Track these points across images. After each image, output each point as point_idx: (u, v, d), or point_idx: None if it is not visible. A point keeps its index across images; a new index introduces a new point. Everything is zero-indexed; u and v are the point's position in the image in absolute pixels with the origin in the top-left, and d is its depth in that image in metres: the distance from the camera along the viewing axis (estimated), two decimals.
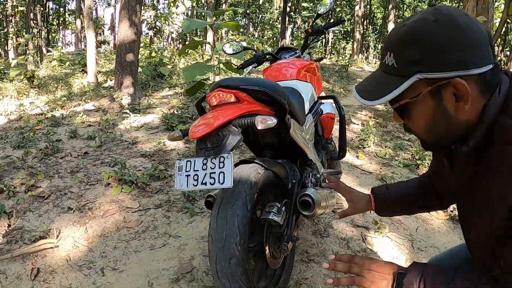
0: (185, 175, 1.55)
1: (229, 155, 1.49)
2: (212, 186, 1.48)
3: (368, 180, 4.23)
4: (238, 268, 1.49)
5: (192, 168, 1.54)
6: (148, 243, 2.63)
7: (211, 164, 1.51)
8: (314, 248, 2.64)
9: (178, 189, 1.54)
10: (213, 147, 1.53)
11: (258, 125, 1.54)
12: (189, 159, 1.58)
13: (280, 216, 1.69)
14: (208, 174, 1.49)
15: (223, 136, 1.53)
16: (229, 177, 1.45)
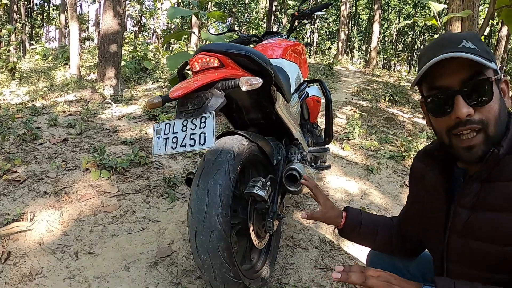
0: (163, 138, 1.43)
1: (211, 114, 1.38)
2: (192, 148, 1.37)
3: (354, 170, 4.17)
4: (220, 242, 1.38)
5: (171, 130, 1.43)
6: (126, 227, 2.51)
7: (191, 125, 1.40)
8: (299, 234, 2.56)
9: (156, 154, 1.44)
10: (194, 109, 1.43)
11: (242, 86, 1.43)
12: (168, 121, 1.47)
13: (265, 191, 1.59)
14: (188, 136, 1.38)
15: (205, 98, 1.43)
16: (211, 137, 1.35)
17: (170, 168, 3.46)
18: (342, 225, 1.40)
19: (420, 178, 1.25)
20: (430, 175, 1.20)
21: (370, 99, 9.28)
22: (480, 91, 0.95)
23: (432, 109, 1.02)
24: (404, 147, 4.98)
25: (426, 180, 1.22)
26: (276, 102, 1.81)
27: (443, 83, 0.97)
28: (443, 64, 0.94)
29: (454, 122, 0.97)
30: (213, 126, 1.35)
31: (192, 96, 1.44)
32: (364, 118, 6.68)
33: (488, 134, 0.96)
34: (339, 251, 2.42)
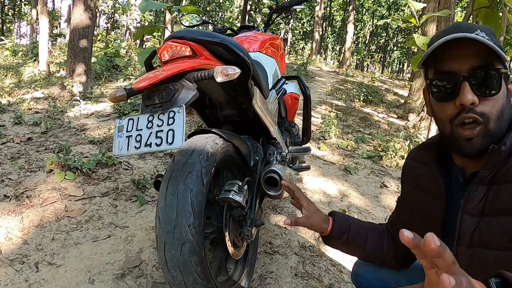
0: (125, 136, 1.25)
1: (181, 109, 1.21)
2: (158, 147, 1.19)
3: (332, 170, 4.06)
4: (192, 256, 1.21)
5: (134, 127, 1.25)
6: (91, 234, 2.31)
7: (158, 121, 1.22)
8: (277, 239, 2.41)
9: (117, 155, 1.25)
10: (162, 103, 1.25)
11: (217, 77, 1.26)
12: (131, 117, 1.29)
13: (242, 196, 1.43)
14: (154, 133, 1.21)
15: (174, 90, 1.26)
16: (180, 135, 1.17)
17: (139, 169, 3.26)
18: (329, 231, 1.27)
19: (414, 177, 1.18)
20: (426, 173, 1.12)
21: (344, 98, 9.28)
22: (488, 82, 0.90)
23: (436, 93, 0.97)
24: (381, 147, 4.93)
25: (421, 178, 1.14)
26: (253, 98, 1.66)
27: (452, 67, 0.92)
28: (454, 47, 0.90)
29: (458, 110, 0.92)
30: (182, 122, 1.18)
31: (159, 88, 1.26)
32: (339, 118, 6.63)
33: (489, 129, 0.92)
34: (321, 257, 2.29)
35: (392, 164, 4.54)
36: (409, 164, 1.22)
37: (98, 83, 7.35)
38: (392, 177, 4.10)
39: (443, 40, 0.89)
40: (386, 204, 3.30)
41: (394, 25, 35.26)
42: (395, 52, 41.08)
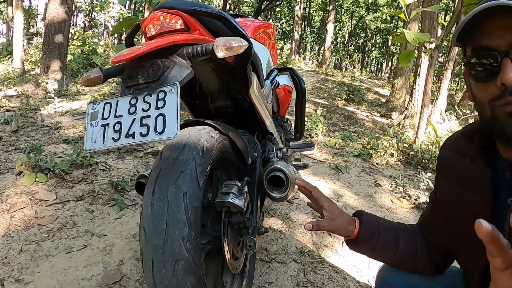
0: (100, 125, 1.00)
1: (174, 87, 0.96)
2: (145, 138, 0.93)
3: (322, 169, 3.88)
4: (188, 276, 0.97)
5: (112, 113, 1.00)
6: (64, 245, 2.05)
7: (143, 104, 0.97)
8: (273, 245, 2.19)
9: (90, 149, 0.98)
10: (148, 82, 1.00)
11: (218, 51, 1.02)
12: (108, 101, 1.03)
13: (242, 199, 1.20)
14: (138, 120, 0.95)
15: (163, 67, 1.01)
16: (174, 121, 0.92)
17: (118, 170, 2.99)
18: (356, 234, 1.08)
19: (452, 170, 1.00)
20: (467, 166, 0.95)
21: (326, 97, 9.18)
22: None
23: (474, 73, 0.84)
24: (370, 145, 4.80)
25: (461, 172, 0.97)
26: (251, 86, 1.44)
27: (492, 42, 0.79)
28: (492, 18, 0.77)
29: (499, 91, 0.79)
30: (176, 105, 0.93)
31: (144, 65, 1.02)
32: (323, 116, 6.47)
33: None
34: (322, 264, 2.08)
35: (383, 162, 4.40)
36: (446, 155, 1.05)
37: (74, 80, 7.02)
38: (384, 175, 3.95)
39: (476, 10, 0.76)
40: (382, 203, 3.13)
41: (373, 25, 35.54)
42: (373, 52, 41.41)
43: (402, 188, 3.46)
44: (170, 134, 0.91)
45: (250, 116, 1.64)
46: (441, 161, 1.06)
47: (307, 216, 2.62)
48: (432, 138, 5.23)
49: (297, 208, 2.75)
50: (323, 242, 2.31)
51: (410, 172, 4.27)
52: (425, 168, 4.36)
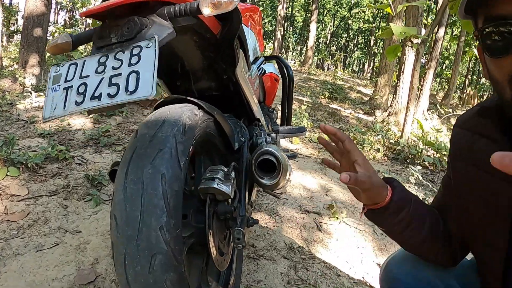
0: (62, 89, 0.84)
1: (152, 42, 0.81)
2: (113, 99, 0.78)
3: (308, 164, 3.78)
4: (167, 273, 0.83)
5: (77, 75, 0.84)
6: (35, 242, 1.88)
7: (114, 62, 0.82)
8: (261, 241, 2.06)
9: (48, 118, 0.81)
10: (122, 41, 0.86)
11: (204, 8, 0.88)
12: (74, 61, 0.88)
13: (229, 185, 1.06)
14: (107, 80, 0.80)
15: (141, 25, 0.86)
16: (149, 78, 0.78)
17: (95, 164, 2.82)
18: (387, 201, 0.91)
19: (469, 152, 0.86)
20: (487, 147, 0.82)
21: (309, 95, 9.12)
22: None
23: (489, 46, 0.72)
24: (356, 140, 4.73)
25: (480, 154, 0.83)
26: (237, 63, 1.30)
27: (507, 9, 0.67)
28: None
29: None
30: (153, 61, 0.79)
31: (119, 23, 0.87)
32: (307, 113, 6.40)
33: None
34: (313, 260, 1.95)
35: (369, 157, 4.33)
36: (459, 134, 0.91)
37: None
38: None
39: None
40: None
41: (355, 26, 35.77)
42: (355, 52, 41.69)
43: None
44: (144, 93, 0.76)
45: (237, 100, 1.51)
46: (455, 142, 0.93)
47: (295, 211, 2.50)
48: (417, 134, 5.19)
49: (284, 203, 2.63)
50: (313, 238, 2.19)
51: (397, 167, 4.20)
52: (412, 163, 4.29)
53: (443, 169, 4.22)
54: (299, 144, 4.51)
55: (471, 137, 0.87)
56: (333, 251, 2.08)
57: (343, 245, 2.16)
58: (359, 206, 2.80)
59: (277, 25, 22.33)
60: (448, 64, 23.33)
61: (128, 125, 3.95)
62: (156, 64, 0.78)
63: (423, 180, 3.56)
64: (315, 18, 20.17)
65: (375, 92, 8.95)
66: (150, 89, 0.75)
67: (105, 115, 4.05)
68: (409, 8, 6.55)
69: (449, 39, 14.59)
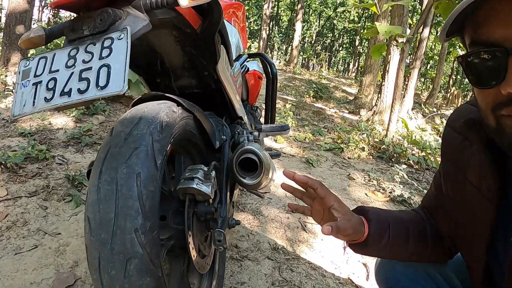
0: (32, 84, 0.80)
1: (123, 33, 0.78)
2: (83, 95, 0.74)
3: (293, 163, 3.76)
4: (144, 278, 0.79)
5: (47, 69, 0.80)
6: (13, 245, 1.82)
7: (84, 55, 0.78)
8: (244, 241, 2.02)
9: (17, 115, 0.76)
10: (94, 34, 0.82)
11: (181, 0, 0.85)
12: (43, 55, 0.84)
13: (209, 185, 1.02)
14: (77, 74, 0.76)
15: (114, 16, 0.83)
16: (120, 72, 0.74)
17: (76, 164, 2.76)
18: (366, 236, 0.91)
19: (458, 156, 0.84)
20: (474, 155, 0.79)
21: (294, 94, 9.12)
22: None
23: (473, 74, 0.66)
24: (341, 139, 4.73)
25: (468, 162, 0.81)
26: (219, 59, 1.27)
27: (494, 35, 0.60)
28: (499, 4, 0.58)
29: (505, 98, 0.61)
30: (125, 54, 0.75)
31: (92, 15, 0.83)
32: (292, 112, 6.40)
33: None
34: (298, 261, 1.93)
35: (354, 156, 4.33)
36: (451, 134, 0.88)
37: None
38: (356, 169, 3.86)
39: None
40: (356, 196, 3.03)
41: (340, 26, 35.94)
42: (340, 52, 41.91)
43: (376, 181, 3.37)
44: (115, 88, 0.72)
45: (218, 98, 1.48)
46: (446, 142, 0.91)
47: (279, 211, 2.47)
48: (402, 133, 5.21)
49: (268, 203, 2.60)
50: (298, 238, 2.17)
51: (382, 165, 4.20)
52: (397, 161, 4.31)
53: (428, 167, 4.24)
54: (283, 143, 4.49)
55: (462, 143, 0.84)
56: (318, 251, 2.06)
57: (328, 245, 2.14)
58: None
59: (263, 24, 22.32)
60: (432, 64, 23.56)
61: (110, 124, 3.88)
62: (128, 57, 0.74)
63: (408, 179, 3.57)
64: (300, 17, 20.20)
65: (360, 91, 8.99)
66: (122, 84, 0.72)
67: (87, 114, 3.98)
68: (394, 8, 6.58)
69: (433, 39, 14.73)
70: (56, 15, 21.12)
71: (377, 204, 2.91)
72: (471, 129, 0.81)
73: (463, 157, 0.82)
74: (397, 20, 6.86)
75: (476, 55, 0.63)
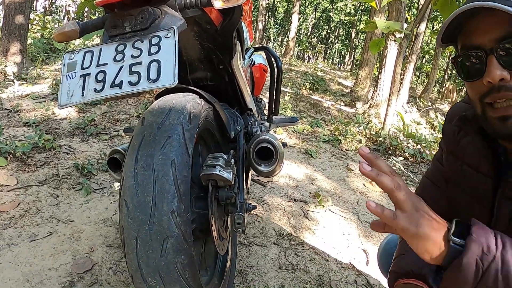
0: (79, 76, 0.86)
1: (171, 32, 0.85)
2: (135, 87, 0.81)
3: (292, 153, 3.83)
4: (179, 256, 0.86)
5: (94, 62, 0.87)
6: (28, 232, 1.88)
7: (132, 51, 0.85)
8: (251, 228, 2.11)
9: (65, 104, 0.84)
10: (136, 30, 0.89)
11: (215, 2, 0.91)
12: (89, 49, 0.90)
13: (230, 172, 1.10)
14: (127, 68, 0.83)
15: (155, 15, 0.90)
16: (171, 67, 0.82)
17: (82, 153, 2.82)
18: None
19: (457, 147, 0.97)
20: (471, 145, 0.93)
21: (291, 86, 9.17)
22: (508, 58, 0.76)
23: (462, 71, 0.84)
24: (338, 131, 4.81)
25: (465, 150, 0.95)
26: (235, 54, 1.34)
27: (477, 41, 0.80)
28: (479, 18, 0.78)
29: (487, 88, 0.79)
30: (174, 51, 0.83)
31: (132, 13, 0.90)
32: (290, 103, 6.47)
33: None
34: (302, 246, 2.02)
35: (352, 148, 4.41)
36: (449, 129, 1.01)
37: (34, 64, 6.66)
38: (354, 161, 3.95)
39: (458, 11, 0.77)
40: (355, 187, 3.12)
41: (336, 18, 35.90)
42: (336, 44, 41.88)
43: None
44: (167, 81, 0.80)
45: (231, 90, 1.55)
46: (446, 135, 1.03)
47: (282, 199, 2.56)
48: (398, 126, 5.30)
49: (271, 191, 2.69)
50: (301, 225, 2.26)
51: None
52: (394, 154, 4.40)
53: (423, 160, 4.34)
54: (282, 135, 4.56)
55: (458, 134, 0.97)
56: (320, 238, 2.15)
57: (330, 232, 2.23)
58: (344, 195, 2.88)
59: (259, 15, 22.28)
60: (428, 59, 23.69)
61: (113, 114, 3.94)
62: (176, 54, 0.82)
63: (405, 171, 3.67)
64: (297, 9, 20.17)
65: (356, 84, 9.05)
66: (172, 78, 0.80)
67: (89, 104, 4.02)
68: (392, 3, 6.63)
69: (429, 34, 14.81)
70: (52, 4, 20.88)
71: (374, 194, 3.01)
72: (465, 123, 0.96)
73: (460, 145, 0.95)
74: (395, 14, 6.92)
75: (465, 56, 0.82)
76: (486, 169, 0.88)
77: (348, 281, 1.82)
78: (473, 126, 0.93)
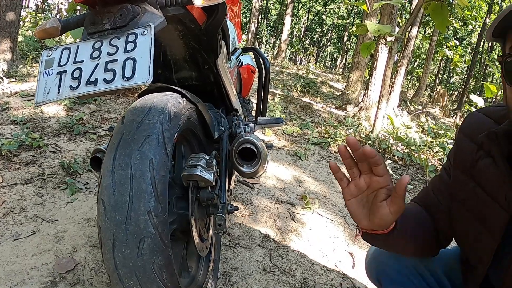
0: (56, 73, 0.85)
1: (147, 29, 0.84)
2: (109, 85, 0.80)
3: (281, 155, 3.83)
4: (155, 257, 0.85)
5: (71, 59, 0.86)
6: (11, 231, 1.85)
7: (109, 48, 0.84)
8: (236, 229, 2.10)
9: (41, 102, 0.83)
10: (115, 28, 0.88)
11: (195, 0, 0.92)
12: (66, 46, 0.89)
13: (211, 173, 1.09)
14: (103, 65, 0.82)
15: (134, 12, 0.89)
16: (146, 65, 0.81)
17: (69, 152, 2.79)
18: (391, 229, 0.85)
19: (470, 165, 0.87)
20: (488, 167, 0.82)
21: (282, 88, 9.18)
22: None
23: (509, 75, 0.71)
24: (328, 134, 4.82)
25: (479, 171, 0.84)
26: (219, 54, 1.34)
27: None
28: None
29: None
30: (149, 49, 0.82)
31: (112, 10, 0.89)
32: (280, 105, 6.47)
33: None
34: (287, 248, 2.02)
35: None
36: (465, 142, 0.90)
37: (24, 62, 6.60)
38: (342, 163, 3.94)
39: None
40: None
41: (329, 21, 36.05)
42: (328, 47, 42.05)
43: None
44: (141, 79, 0.79)
45: (216, 90, 1.54)
46: (459, 151, 0.93)
47: (269, 201, 2.56)
48: (388, 129, 5.33)
49: (258, 193, 2.68)
50: (287, 227, 2.25)
51: None
52: (383, 157, 4.42)
53: (412, 163, 4.36)
54: (271, 136, 4.56)
55: (476, 152, 0.86)
56: (306, 240, 2.15)
57: (316, 235, 2.23)
58: (331, 197, 2.88)
59: (252, 17, 22.26)
60: (419, 63, 23.86)
61: (102, 113, 3.90)
62: (152, 51, 0.81)
63: (393, 174, 3.68)
64: (290, 11, 20.23)
65: (347, 87, 9.10)
66: (147, 76, 0.79)
67: (78, 103, 3.99)
68: (384, 6, 6.67)
69: (421, 38, 14.93)
70: (44, 2, 20.70)
71: None
72: (493, 142, 0.82)
73: (475, 168, 0.85)
74: (387, 18, 6.96)
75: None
76: (505, 201, 0.77)
77: (334, 284, 1.81)
78: (501, 148, 0.80)
